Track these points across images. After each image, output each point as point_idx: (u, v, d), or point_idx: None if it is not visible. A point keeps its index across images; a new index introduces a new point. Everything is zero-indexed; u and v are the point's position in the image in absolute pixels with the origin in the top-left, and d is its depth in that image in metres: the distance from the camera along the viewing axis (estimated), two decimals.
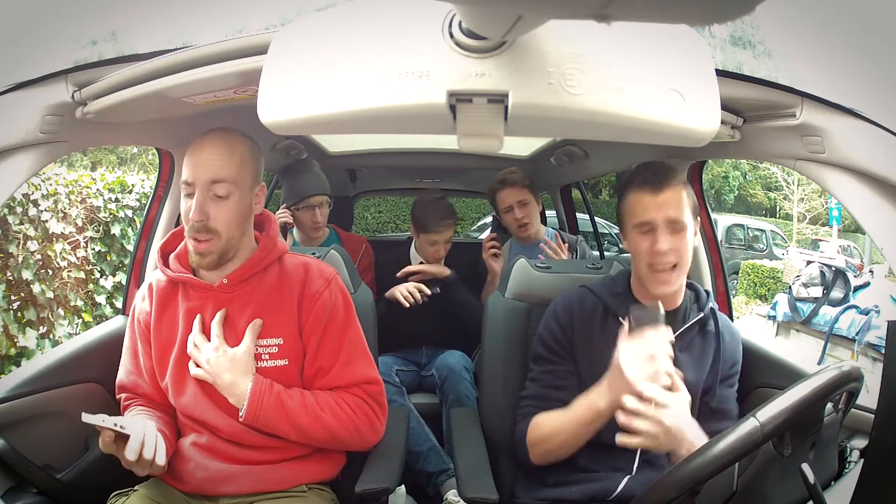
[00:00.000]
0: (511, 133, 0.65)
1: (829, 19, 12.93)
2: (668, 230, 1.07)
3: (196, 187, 1.00)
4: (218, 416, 1.05)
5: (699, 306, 1.18)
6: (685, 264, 1.09)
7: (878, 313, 4.37)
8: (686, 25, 0.61)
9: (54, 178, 3.14)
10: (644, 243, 1.09)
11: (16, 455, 1.07)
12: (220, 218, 1.01)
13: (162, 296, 1.10)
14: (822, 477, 0.79)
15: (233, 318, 1.06)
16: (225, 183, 1.00)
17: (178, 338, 1.07)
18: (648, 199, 1.08)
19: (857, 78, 9.45)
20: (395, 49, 0.61)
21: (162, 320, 1.09)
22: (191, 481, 1.04)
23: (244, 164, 1.03)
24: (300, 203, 1.93)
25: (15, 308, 2.90)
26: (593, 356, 1.12)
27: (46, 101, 0.95)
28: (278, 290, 1.08)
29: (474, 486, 1.07)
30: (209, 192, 1.00)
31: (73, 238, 3.23)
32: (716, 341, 1.16)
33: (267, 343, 1.06)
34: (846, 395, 0.81)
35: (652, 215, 1.07)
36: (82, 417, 0.87)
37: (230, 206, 1.01)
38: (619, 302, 1.16)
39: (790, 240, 12.88)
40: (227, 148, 1.02)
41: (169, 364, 1.07)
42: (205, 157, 1.00)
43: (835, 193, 0.99)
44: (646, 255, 1.08)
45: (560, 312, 1.19)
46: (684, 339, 1.13)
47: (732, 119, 1.10)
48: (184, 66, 0.90)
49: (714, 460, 0.73)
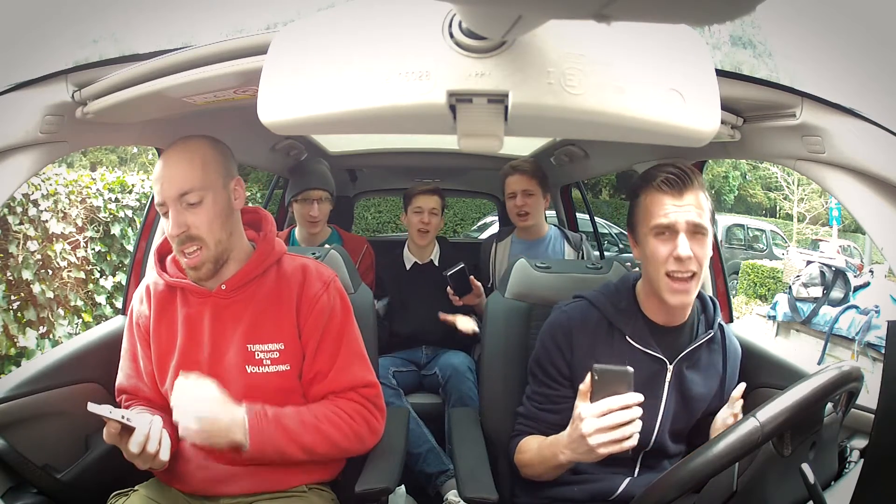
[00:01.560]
0: (511, 133, 0.65)
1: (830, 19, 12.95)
2: (689, 235, 0.99)
3: (168, 205, 1.00)
4: None
5: (706, 319, 1.13)
6: (703, 273, 1.03)
7: (878, 313, 4.37)
8: (686, 25, 0.62)
9: (54, 178, 3.14)
10: (663, 249, 1.00)
11: (16, 455, 1.07)
12: (199, 223, 1.00)
13: (160, 299, 1.09)
14: (822, 477, 0.79)
15: (232, 324, 1.05)
16: (193, 192, 1.00)
17: (179, 344, 1.06)
18: (669, 201, 1.00)
19: (857, 78, 9.45)
20: (395, 49, 0.61)
21: (161, 324, 1.08)
22: (191, 482, 1.04)
23: (207, 166, 1.02)
24: (299, 195, 1.95)
25: (15, 308, 2.90)
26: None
27: (46, 101, 0.95)
28: (277, 293, 1.07)
29: (474, 486, 1.07)
30: (181, 205, 1.00)
31: (73, 238, 3.23)
32: (722, 357, 1.14)
33: (268, 348, 1.05)
34: (846, 395, 0.81)
35: (673, 218, 0.99)
36: (88, 407, 0.87)
37: (206, 210, 1.01)
38: (626, 319, 1.09)
39: (790, 240, 12.88)
40: (185, 157, 1.02)
41: (169, 370, 1.06)
42: (167, 173, 1.00)
43: (835, 193, 0.99)
44: (664, 263, 1.00)
45: (559, 334, 1.12)
46: (692, 357, 1.11)
47: (732, 119, 1.10)
48: (184, 66, 0.90)
49: (714, 460, 0.73)
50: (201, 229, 1.00)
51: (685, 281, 1.01)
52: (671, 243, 1.00)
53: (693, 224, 1.00)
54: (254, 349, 1.04)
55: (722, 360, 1.14)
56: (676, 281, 1.01)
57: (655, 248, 1.02)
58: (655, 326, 1.10)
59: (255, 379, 1.04)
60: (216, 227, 1.02)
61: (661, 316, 1.09)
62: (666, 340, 1.10)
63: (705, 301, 1.16)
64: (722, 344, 1.15)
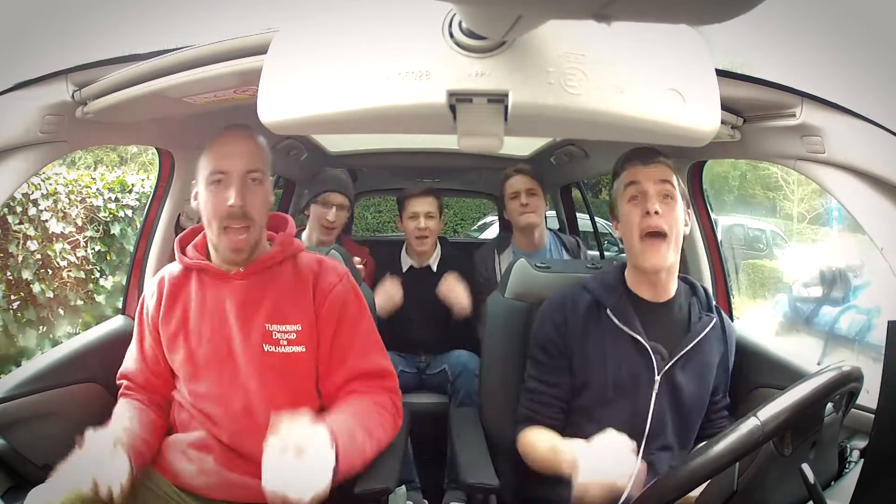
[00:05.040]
0: (511, 133, 0.65)
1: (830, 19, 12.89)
2: (658, 197, 1.07)
3: (233, 175, 1.02)
4: (224, 414, 1.05)
5: (700, 302, 1.16)
6: (676, 240, 1.08)
7: (879, 313, 4.37)
8: (686, 25, 0.62)
9: (54, 177, 3.14)
10: (636, 212, 1.08)
11: (16, 455, 1.08)
12: (256, 204, 1.04)
13: (174, 285, 1.11)
14: (822, 477, 0.79)
15: (250, 306, 1.07)
16: (259, 171, 1.05)
17: (193, 324, 1.08)
18: (639, 169, 1.10)
19: (857, 78, 9.43)
20: (395, 49, 0.61)
21: (172, 309, 1.10)
22: (187, 482, 1.04)
23: (267, 155, 1.08)
24: (318, 197, 1.90)
25: (15, 308, 2.90)
26: (586, 351, 1.12)
27: (46, 100, 0.95)
28: (294, 279, 1.10)
29: (475, 473, 1.08)
30: (247, 180, 1.03)
31: (73, 238, 3.23)
32: (723, 338, 1.15)
33: (286, 329, 1.07)
34: (846, 395, 0.81)
35: (642, 181, 1.09)
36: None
37: (263, 192, 1.06)
38: (609, 293, 1.15)
39: (790, 240, 12.88)
40: (252, 140, 1.07)
41: (179, 350, 1.08)
42: (236, 149, 1.04)
43: (835, 193, 0.99)
44: (638, 224, 1.08)
45: (554, 311, 1.18)
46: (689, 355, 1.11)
47: (732, 119, 1.10)
48: (184, 66, 0.90)
49: (715, 460, 0.73)
50: (255, 210, 1.04)
51: (659, 240, 1.06)
52: (642, 206, 1.08)
53: (661, 185, 1.08)
54: (272, 328, 1.06)
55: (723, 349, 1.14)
56: (650, 239, 1.07)
57: (629, 213, 1.10)
58: (640, 302, 1.13)
59: (271, 358, 1.06)
60: (265, 213, 1.07)
61: (645, 289, 1.14)
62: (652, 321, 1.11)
63: (693, 284, 1.19)
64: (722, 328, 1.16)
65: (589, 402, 1.12)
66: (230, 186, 1.02)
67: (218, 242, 1.06)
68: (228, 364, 1.06)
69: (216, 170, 1.03)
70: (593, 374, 1.11)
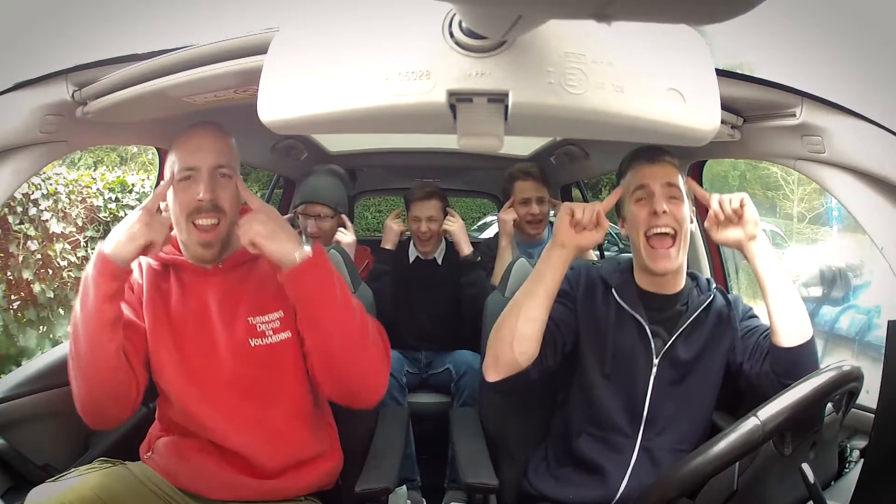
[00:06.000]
0: (511, 132, 0.65)
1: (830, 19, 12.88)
2: (664, 196, 1.07)
3: (202, 170, 1.02)
4: (217, 413, 1.03)
5: (699, 288, 1.17)
6: (683, 239, 1.08)
7: (879, 313, 4.37)
8: (686, 25, 0.62)
9: (54, 177, 3.15)
10: (642, 211, 1.09)
11: (16, 455, 1.07)
12: (227, 197, 1.04)
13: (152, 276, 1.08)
14: (822, 477, 0.79)
15: (230, 302, 1.06)
16: (227, 167, 1.05)
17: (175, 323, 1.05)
18: (646, 168, 1.10)
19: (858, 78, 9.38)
20: (395, 49, 0.61)
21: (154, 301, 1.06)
22: (184, 482, 1.04)
23: (235, 151, 1.08)
24: (298, 207, 1.89)
25: (15, 308, 2.90)
26: (590, 318, 1.14)
27: (46, 100, 0.95)
28: (270, 269, 1.06)
29: (475, 473, 1.08)
30: (216, 175, 1.03)
31: (74, 238, 3.24)
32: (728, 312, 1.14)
33: (269, 318, 1.06)
34: (846, 395, 0.81)
35: (649, 180, 1.09)
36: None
37: (232, 187, 1.06)
38: (618, 276, 1.16)
39: (790, 239, 12.87)
40: (220, 135, 1.07)
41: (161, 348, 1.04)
42: (204, 143, 1.04)
43: (835, 193, 0.99)
44: (644, 224, 1.08)
45: (569, 273, 1.16)
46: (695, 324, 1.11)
47: (732, 119, 1.10)
48: (184, 65, 0.90)
49: (715, 459, 0.73)
50: (226, 203, 1.04)
51: (665, 239, 1.07)
52: (649, 205, 1.08)
53: (668, 184, 1.08)
54: (255, 321, 1.05)
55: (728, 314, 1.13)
56: (656, 240, 1.07)
57: (636, 212, 1.10)
58: (645, 292, 1.15)
59: (259, 352, 1.05)
60: (236, 205, 1.07)
61: (652, 285, 1.15)
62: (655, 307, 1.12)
63: (697, 276, 1.20)
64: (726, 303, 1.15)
65: (587, 378, 1.12)
66: (199, 181, 1.02)
67: (187, 238, 1.04)
68: (216, 364, 1.04)
69: (185, 166, 1.03)
70: (594, 342, 1.12)
